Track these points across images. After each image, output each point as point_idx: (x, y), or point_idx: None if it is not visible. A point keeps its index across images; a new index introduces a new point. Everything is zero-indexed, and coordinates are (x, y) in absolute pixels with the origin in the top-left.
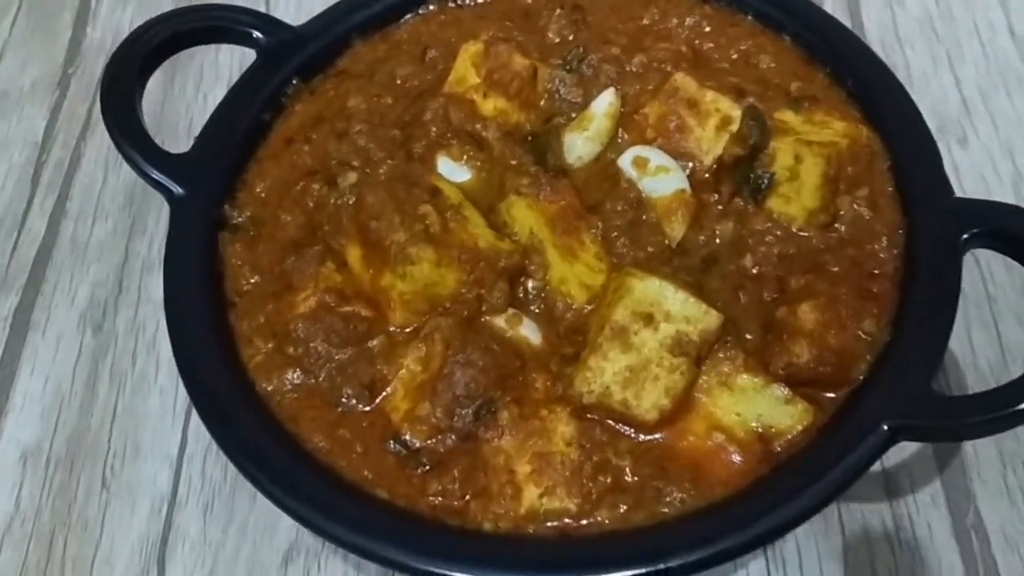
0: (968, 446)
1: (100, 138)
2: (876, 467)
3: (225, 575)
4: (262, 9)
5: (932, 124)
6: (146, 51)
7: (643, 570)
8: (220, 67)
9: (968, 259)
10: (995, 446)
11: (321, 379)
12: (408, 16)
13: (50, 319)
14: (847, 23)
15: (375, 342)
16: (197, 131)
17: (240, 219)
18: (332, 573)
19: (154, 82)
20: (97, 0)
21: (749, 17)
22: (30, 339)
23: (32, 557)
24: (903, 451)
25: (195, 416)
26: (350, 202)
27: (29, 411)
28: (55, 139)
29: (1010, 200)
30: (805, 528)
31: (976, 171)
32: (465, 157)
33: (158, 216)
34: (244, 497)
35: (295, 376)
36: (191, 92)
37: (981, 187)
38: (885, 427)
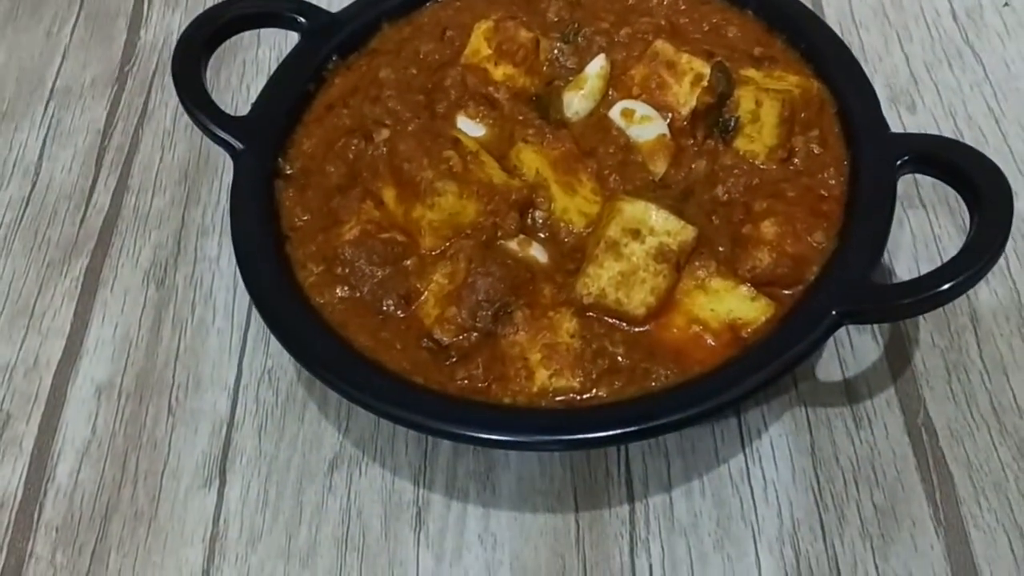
0: (918, 358)
1: (156, 125)
2: (837, 376)
3: (279, 481)
4: None
5: (884, 95)
6: (211, 30)
7: (634, 428)
8: (260, 62)
9: (917, 204)
10: (942, 357)
11: (365, 292)
12: (429, 4)
13: (117, 277)
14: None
15: (409, 262)
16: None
17: (291, 170)
18: (371, 477)
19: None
20: (149, 6)
21: None
22: (100, 294)
23: (108, 473)
24: (861, 363)
25: (249, 350)
26: (384, 152)
27: (101, 354)
28: (115, 127)
29: None
30: (778, 428)
31: (922, 131)
32: (480, 115)
33: (211, 188)
34: (293, 417)
35: (343, 291)
36: (235, 83)
37: None
38: (833, 312)
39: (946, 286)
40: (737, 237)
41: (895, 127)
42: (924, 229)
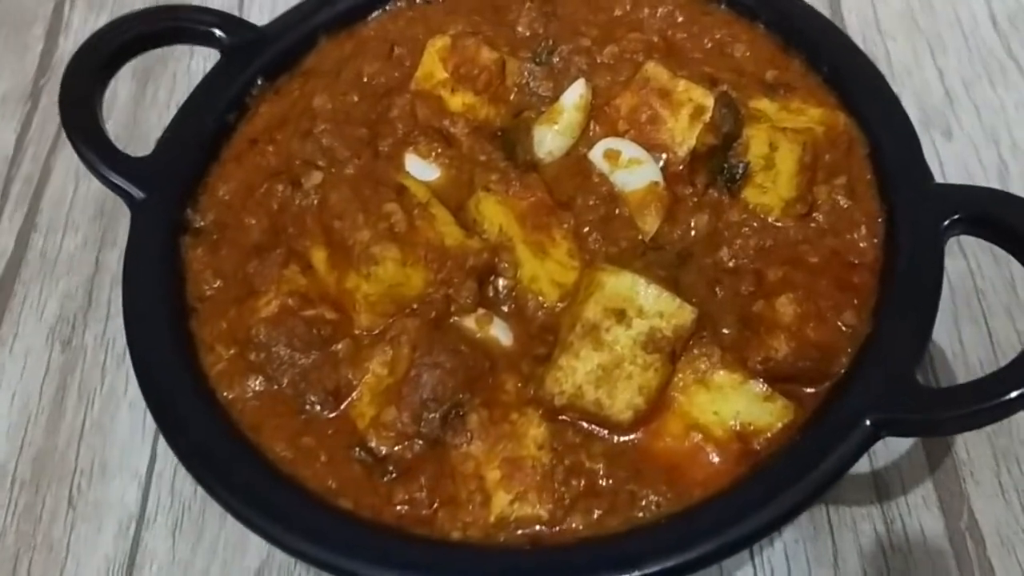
0: (960, 444)
1: (71, 151)
2: (865, 468)
3: None
4: (235, 11)
5: (915, 116)
6: (105, 54)
7: None
8: (192, 75)
9: (955, 252)
10: (988, 443)
11: (284, 385)
12: (375, 13)
13: (18, 334)
14: (827, 15)
15: (340, 346)
16: None
17: (202, 223)
18: None
19: (125, 90)
20: (70, 10)
21: (722, 6)
22: None
23: None
24: (892, 451)
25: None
26: (314, 202)
27: None
28: (25, 152)
29: None
30: (793, 532)
31: (960, 162)
32: (433, 154)
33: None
34: (214, 514)
35: (257, 383)
36: (163, 99)
37: (966, 178)
38: (867, 422)
39: (1014, 394)
40: (747, 316)
41: (928, 155)
42: (965, 282)
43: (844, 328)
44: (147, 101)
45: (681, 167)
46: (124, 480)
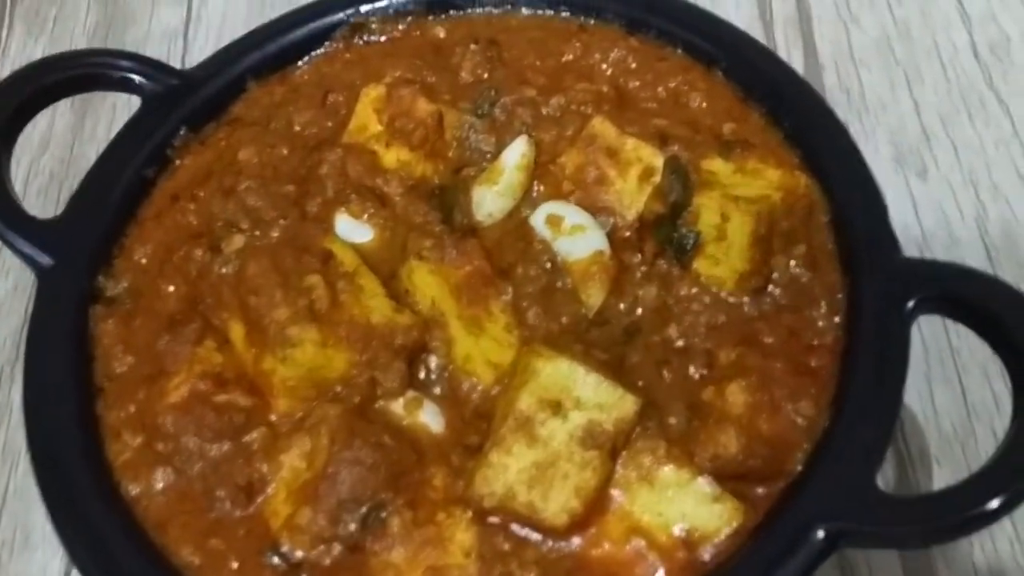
0: (940, 566)
1: None
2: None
3: None
4: (179, 52)
5: (889, 154)
6: (11, 107)
7: None
8: (133, 106)
9: None
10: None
11: (193, 480)
12: (311, 55)
13: None
14: (799, 43)
15: (254, 435)
16: None
17: (116, 291)
18: None
19: (63, 122)
20: (7, 36)
21: (679, 51)
22: None
23: None
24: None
25: None
26: (233, 271)
27: None
28: None
29: (973, 237)
30: None
31: (936, 205)
32: (366, 215)
33: None
34: None
35: (165, 476)
36: (102, 133)
37: (941, 223)
38: (820, 533)
39: (994, 503)
40: (696, 404)
41: (901, 196)
42: (938, 340)
43: (800, 420)
44: (85, 134)
45: (628, 233)
46: (47, 552)
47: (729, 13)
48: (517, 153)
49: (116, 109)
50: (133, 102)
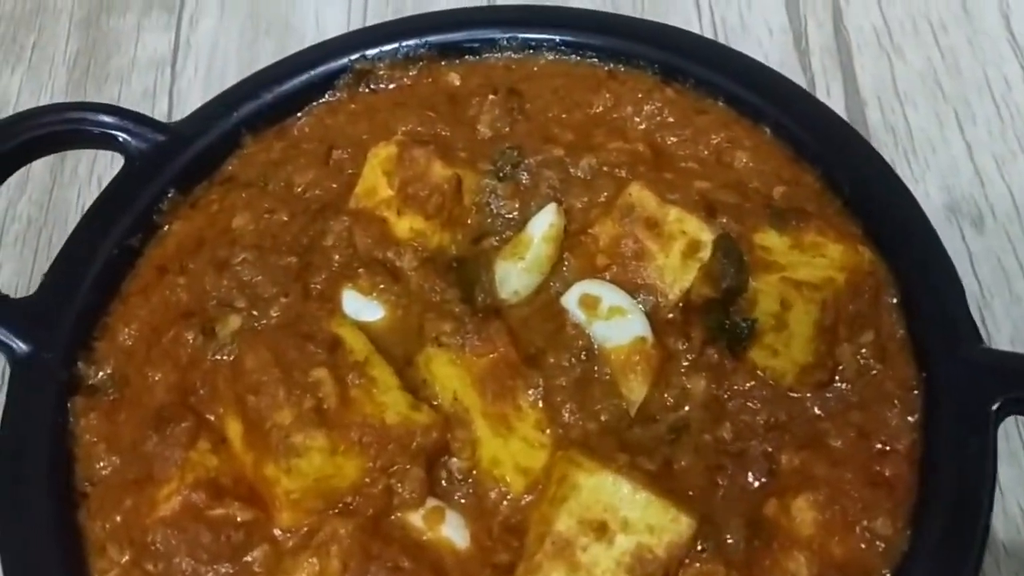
0: None
1: None
2: None
3: None
4: (164, 95)
5: (941, 200)
6: None
7: None
8: None
9: None
10: None
11: None
12: (311, 105)
13: None
14: (837, 75)
15: (256, 554)
16: None
17: (98, 377)
18: None
19: (41, 164)
20: None
21: (720, 103)
22: None
23: None
24: None
25: None
26: (230, 358)
27: None
28: None
29: None
30: None
31: (993, 258)
32: (376, 291)
33: None
34: None
35: None
36: (84, 174)
37: (999, 279)
38: None
39: None
40: (757, 520)
41: (956, 250)
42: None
43: (876, 541)
44: (66, 176)
45: (671, 315)
46: None
47: (762, 41)
48: (545, 223)
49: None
50: None
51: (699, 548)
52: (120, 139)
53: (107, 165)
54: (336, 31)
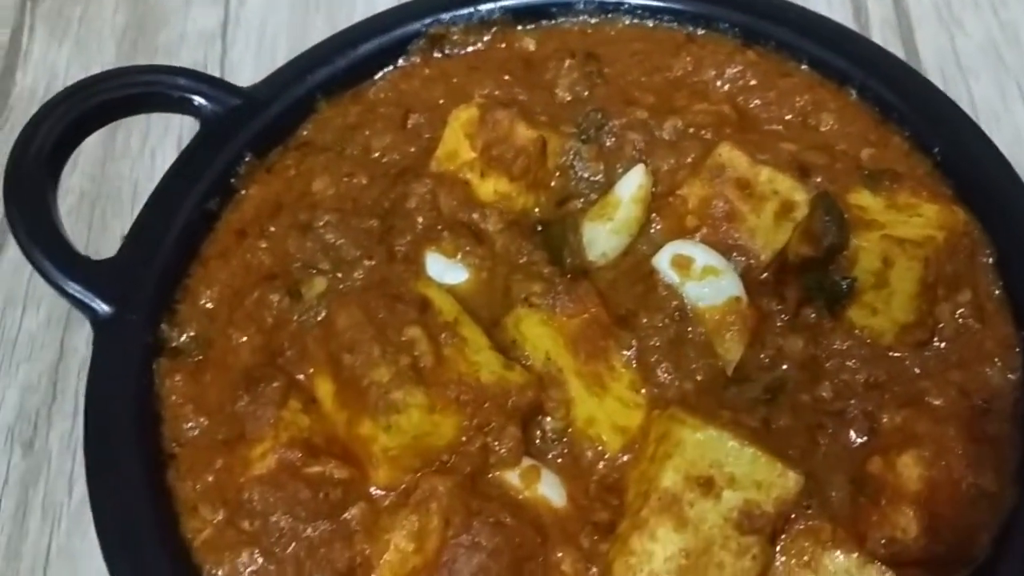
0: None
1: None
2: None
3: None
4: (217, 55)
5: None
6: (56, 134)
7: None
8: (170, 117)
9: None
10: None
11: (286, 563)
12: (384, 71)
13: None
14: (899, 49)
15: (353, 512)
16: (144, 197)
17: (181, 340)
18: None
19: (93, 138)
20: (28, 40)
21: (804, 65)
22: None
23: None
24: None
25: None
26: (318, 319)
27: None
28: None
29: None
30: None
31: None
32: (460, 253)
33: None
34: None
35: (252, 559)
36: (136, 148)
37: None
38: None
39: None
40: (861, 476)
41: None
42: None
43: (982, 496)
44: (117, 150)
45: (764, 275)
46: None
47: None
48: (634, 184)
49: (150, 121)
50: (168, 115)
51: (804, 505)
52: (196, 103)
53: (159, 138)
54: (386, 5)
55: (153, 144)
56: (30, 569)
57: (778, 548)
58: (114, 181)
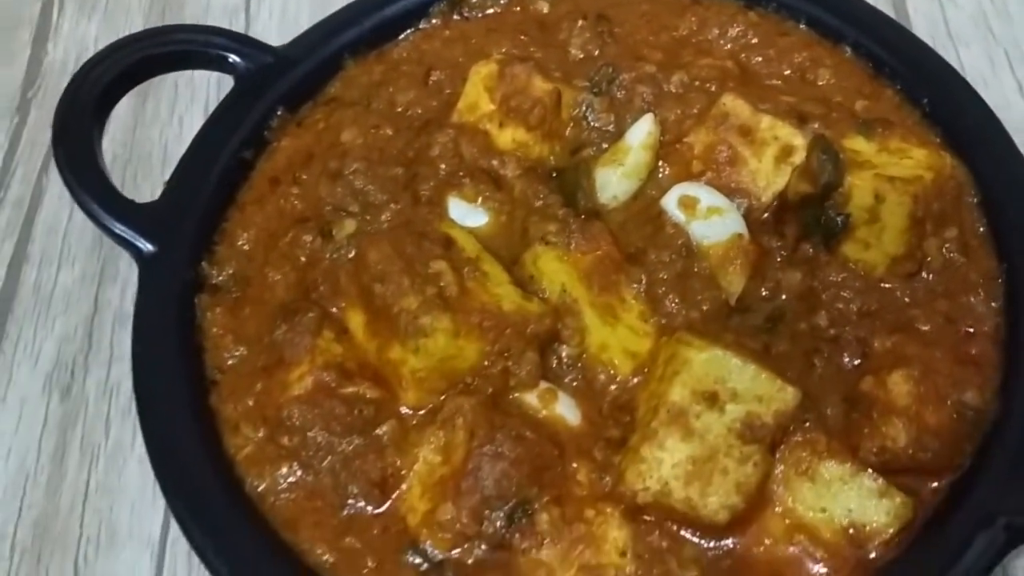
0: None
1: None
2: None
3: None
4: (241, 28)
5: None
6: (102, 85)
7: None
8: (197, 86)
9: None
10: None
11: (322, 475)
12: (407, 32)
13: (11, 382)
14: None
15: (384, 428)
16: (173, 161)
17: (220, 278)
18: None
19: (123, 105)
20: (59, 13)
21: (802, 25)
22: None
23: None
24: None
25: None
26: (349, 257)
27: None
28: (13, 173)
29: None
30: None
31: None
32: (480, 198)
33: (131, 259)
34: None
35: (291, 471)
36: (165, 114)
37: None
38: (1003, 524)
39: None
40: (854, 395)
41: None
42: None
43: (965, 410)
44: (147, 116)
45: (765, 215)
46: (135, 549)
47: None
48: (643, 131)
49: (178, 89)
50: (195, 83)
51: (802, 419)
52: (231, 60)
53: (187, 106)
54: None
55: (181, 112)
56: (69, 505)
57: (777, 457)
58: (144, 145)
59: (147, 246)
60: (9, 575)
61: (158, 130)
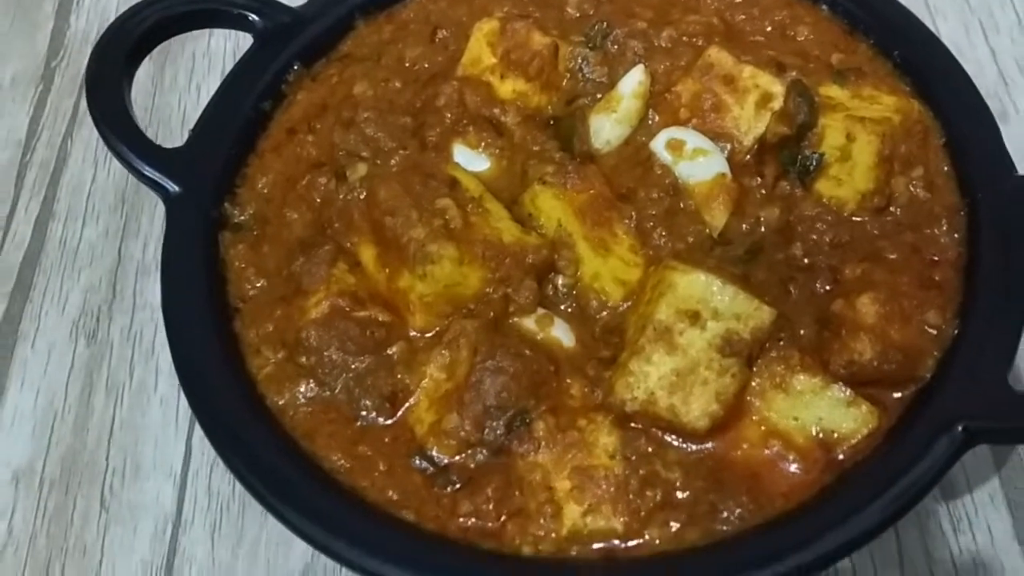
0: None
1: (88, 133)
2: None
3: None
4: None
5: None
6: (132, 39)
7: None
8: (213, 55)
9: None
10: None
11: (337, 391)
12: None
13: (40, 329)
14: None
15: (394, 349)
16: (191, 125)
17: (242, 217)
18: None
19: (143, 73)
20: None
21: None
22: (19, 351)
23: None
24: None
25: (199, 428)
26: (361, 196)
27: (20, 429)
28: (39, 137)
29: None
30: None
31: (1020, 147)
32: (483, 144)
33: (152, 216)
34: (255, 515)
35: (309, 388)
36: (183, 82)
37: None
38: (960, 428)
39: None
40: (825, 317)
41: None
42: None
43: (929, 329)
44: (166, 84)
45: (747, 157)
46: (158, 480)
47: None
48: (634, 81)
49: (195, 59)
50: (212, 52)
51: (777, 338)
52: (250, 19)
53: (204, 75)
54: None
55: (198, 79)
56: (96, 440)
57: (754, 371)
58: (164, 110)
59: (174, 187)
60: (39, 504)
61: (176, 97)
